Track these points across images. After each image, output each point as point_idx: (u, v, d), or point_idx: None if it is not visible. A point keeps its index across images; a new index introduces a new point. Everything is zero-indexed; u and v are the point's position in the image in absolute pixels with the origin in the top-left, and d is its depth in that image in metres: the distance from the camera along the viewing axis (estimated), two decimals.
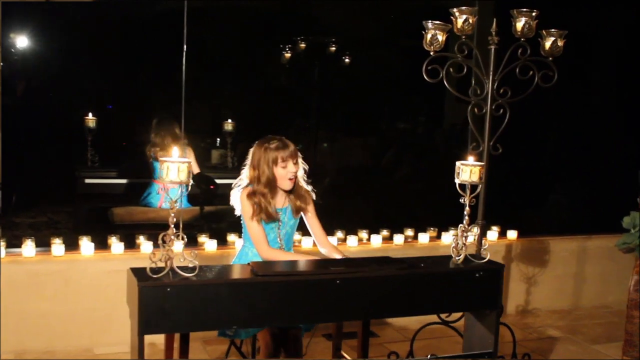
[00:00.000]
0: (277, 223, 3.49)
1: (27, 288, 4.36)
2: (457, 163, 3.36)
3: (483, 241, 3.47)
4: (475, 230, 3.39)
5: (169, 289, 2.81)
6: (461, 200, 3.39)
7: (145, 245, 4.72)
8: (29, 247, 4.45)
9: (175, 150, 2.91)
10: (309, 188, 3.62)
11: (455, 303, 3.30)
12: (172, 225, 2.93)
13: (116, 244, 4.66)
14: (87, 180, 5.76)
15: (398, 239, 5.27)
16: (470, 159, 3.35)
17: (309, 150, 6.30)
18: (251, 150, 3.52)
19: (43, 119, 5.21)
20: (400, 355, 4.10)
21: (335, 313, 3.08)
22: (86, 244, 4.60)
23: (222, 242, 5.00)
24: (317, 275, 3.00)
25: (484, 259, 3.39)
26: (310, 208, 3.61)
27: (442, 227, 5.50)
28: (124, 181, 5.92)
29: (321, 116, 6.56)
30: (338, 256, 3.49)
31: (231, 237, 5.00)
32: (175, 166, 2.84)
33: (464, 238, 3.39)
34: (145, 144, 5.70)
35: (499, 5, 5.56)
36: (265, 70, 6.42)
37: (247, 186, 3.49)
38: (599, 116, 6.36)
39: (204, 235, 4.99)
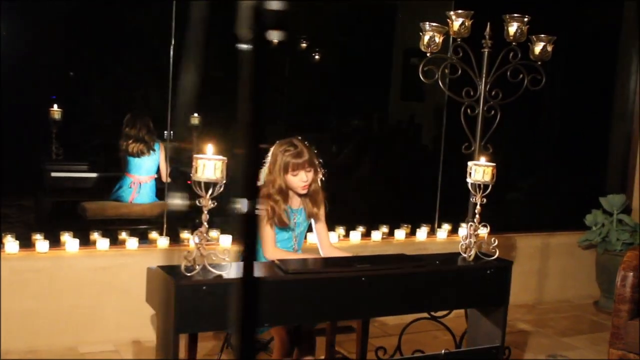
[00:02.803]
0: (287, 229, 3.50)
1: (10, 286, 4.22)
2: (470, 163, 3.46)
3: (492, 239, 3.58)
4: (487, 229, 3.49)
5: (204, 287, 2.80)
6: (472, 200, 3.50)
7: (130, 241, 4.63)
8: (11, 243, 4.31)
9: (209, 148, 2.89)
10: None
11: (467, 299, 3.41)
12: (205, 223, 2.91)
13: (101, 241, 4.56)
14: (54, 174, 5.62)
15: (375, 235, 5.36)
16: (482, 160, 3.46)
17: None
18: (271, 150, 3.52)
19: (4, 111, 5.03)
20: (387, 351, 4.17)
21: (361, 310, 3.14)
22: (70, 240, 4.48)
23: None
24: (345, 273, 3.05)
25: (492, 256, 3.50)
26: (322, 214, 3.62)
27: (396, 224, 5.57)
28: (93, 175, 5.80)
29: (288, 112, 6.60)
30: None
31: (213, 234, 4.96)
32: (212, 163, 2.83)
33: (474, 236, 3.49)
34: (115, 138, 5.60)
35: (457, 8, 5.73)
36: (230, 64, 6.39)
37: (262, 187, 3.49)
38: (563, 116, 6.61)
39: (186, 231, 4.94)
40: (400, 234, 5.45)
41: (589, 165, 6.58)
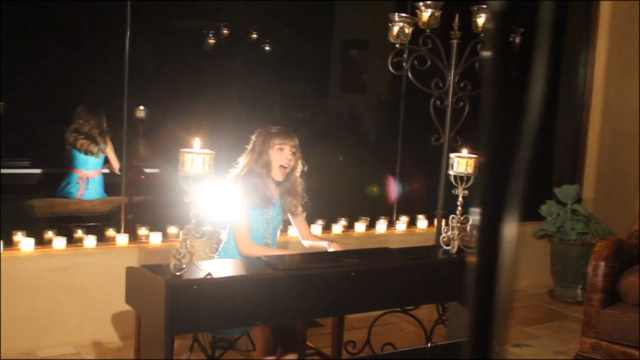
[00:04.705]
0: (266, 217, 3.41)
1: None
2: (452, 155, 3.44)
3: (474, 231, 3.56)
4: (470, 220, 3.47)
5: (195, 287, 2.68)
6: (454, 192, 3.47)
7: (88, 240, 4.42)
8: None
9: (197, 141, 2.77)
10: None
11: (452, 291, 3.38)
12: (194, 220, 2.78)
13: (57, 240, 4.34)
14: None
15: (336, 228, 5.30)
16: (464, 152, 3.44)
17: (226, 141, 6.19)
18: (252, 138, 3.44)
19: None
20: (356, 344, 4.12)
21: (350, 305, 3.07)
22: (25, 239, 4.25)
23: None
24: (336, 268, 2.97)
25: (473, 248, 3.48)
26: (300, 210, 3.55)
27: (354, 217, 5.53)
28: (37, 171, 5.54)
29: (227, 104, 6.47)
30: (324, 243, 3.46)
31: (172, 230, 4.80)
32: (200, 158, 2.70)
33: (456, 228, 3.46)
34: (60, 132, 5.36)
35: None
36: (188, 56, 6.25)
37: (239, 173, 3.39)
38: (515, 107, 6.68)
39: (144, 228, 4.75)
40: (360, 226, 5.40)
41: (542, 156, 6.68)
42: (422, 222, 5.71)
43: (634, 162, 6.41)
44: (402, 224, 5.62)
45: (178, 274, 2.69)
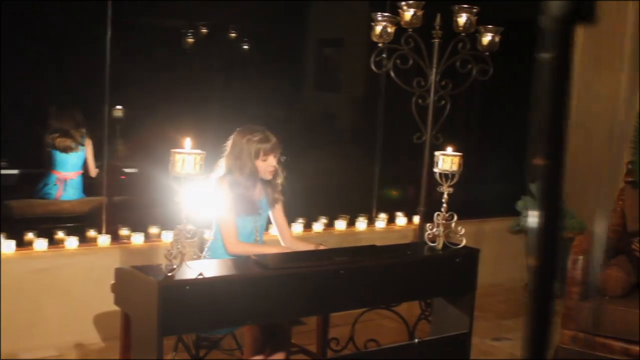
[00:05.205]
0: (255, 216, 3.43)
1: None
2: (437, 153, 3.48)
3: (459, 228, 3.61)
4: (455, 217, 3.51)
5: (187, 287, 2.68)
6: (439, 189, 3.51)
7: (69, 241, 4.39)
8: None
9: (187, 142, 2.77)
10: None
11: (439, 287, 3.44)
12: (185, 220, 2.78)
13: (39, 241, 4.31)
14: None
15: (317, 226, 5.33)
16: (449, 149, 3.48)
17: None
18: (231, 139, 3.43)
19: None
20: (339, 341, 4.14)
21: (341, 303, 3.10)
22: (6, 242, 4.21)
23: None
24: (327, 266, 3.00)
25: (459, 245, 3.54)
26: (280, 199, 3.58)
27: (334, 215, 5.57)
28: (14, 172, 5.47)
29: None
30: (309, 247, 3.48)
31: (153, 230, 4.79)
32: (192, 158, 2.71)
33: (442, 225, 3.51)
34: (37, 132, 5.31)
35: None
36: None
37: (225, 176, 3.39)
38: (492, 104, 6.75)
39: (125, 228, 4.73)
40: (340, 224, 5.44)
41: (517, 152, 6.77)
42: (400, 219, 5.76)
43: (605, 157, 6.53)
44: (381, 221, 5.66)
45: (170, 274, 2.69)
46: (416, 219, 5.85)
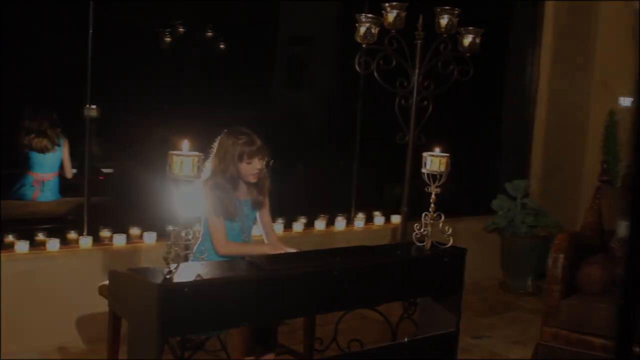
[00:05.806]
0: (240, 220, 3.43)
1: None
2: (425, 154, 3.52)
3: (447, 228, 3.64)
4: (442, 217, 3.56)
5: (186, 289, 2.68)
6: (427, 189, 3.55)
7: (51, 243, 4.35)
8: None
9: (185, 144, 2.76)
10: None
11: (428, 287, 3.48)
12: (183, 222, 2.78)
13: (20, 243, 4.25)
14: None
15: (297, 226, 5.35)
16: (437, 150, 3.53)
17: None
18: (218, 140, 3.43)
19: None
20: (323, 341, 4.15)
21: (335, 303, 3.13)
22: None
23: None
24: (321, 267, 3.02)
25: (446, 244, 3.58)
26: (266, 202, 3.59)
27: (314, 215, 5.59)
28: None
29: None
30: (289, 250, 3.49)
31: (134, 231, 4.75)
32: (189, 160, 2.70)
33: (429, 225, 3.55)
34: (11, 133, 5.22)
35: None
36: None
37: (209, 178, 3.39)
38: (465, 105, 6.81)
39: (106, 230, 4.68)
40: (320, 224, 5.46)
41: (491, 152, 6.87)
42: (378, 219, 5.81)
43: (578, 156, 6.66)
44: (360, 221, 5.70)
45: (168, 276, 2.69)
46: (394, 219, 5.92)
